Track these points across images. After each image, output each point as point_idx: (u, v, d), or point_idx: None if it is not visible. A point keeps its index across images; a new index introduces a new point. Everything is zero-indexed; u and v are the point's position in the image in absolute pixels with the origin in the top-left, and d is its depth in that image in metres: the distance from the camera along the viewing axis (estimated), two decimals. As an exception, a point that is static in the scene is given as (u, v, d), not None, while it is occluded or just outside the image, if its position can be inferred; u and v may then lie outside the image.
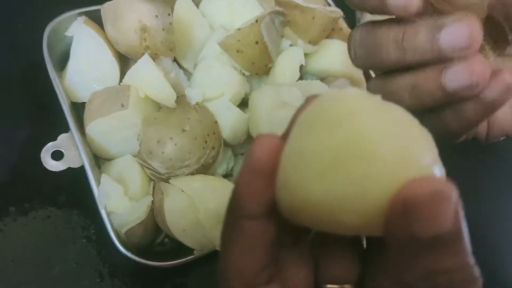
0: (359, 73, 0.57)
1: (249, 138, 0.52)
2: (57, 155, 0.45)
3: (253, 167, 0.19)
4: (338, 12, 0.53)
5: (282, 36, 0.54)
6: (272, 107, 0.47)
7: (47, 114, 0.51)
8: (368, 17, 0.67)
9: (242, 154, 0.54)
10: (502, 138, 0.33)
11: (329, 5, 0.62)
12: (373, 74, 0.62)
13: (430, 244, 0.16)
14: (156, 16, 0.45)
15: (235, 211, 0.20)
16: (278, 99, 0.47)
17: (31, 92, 0.53)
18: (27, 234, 0.45)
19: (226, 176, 0.53)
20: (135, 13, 0.45)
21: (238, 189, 0.20)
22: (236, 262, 0.21)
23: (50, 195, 0.48)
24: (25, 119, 0.51)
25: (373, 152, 0.16)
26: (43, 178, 0.47)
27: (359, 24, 0.71)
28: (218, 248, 0.43)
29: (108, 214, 0.43)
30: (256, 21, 0.48)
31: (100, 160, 0.49)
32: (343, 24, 0.60)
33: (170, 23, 0.46)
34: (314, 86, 0.49)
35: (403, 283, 0.19)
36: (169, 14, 0.46)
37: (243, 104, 0.52)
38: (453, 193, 0.16)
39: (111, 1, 0.46)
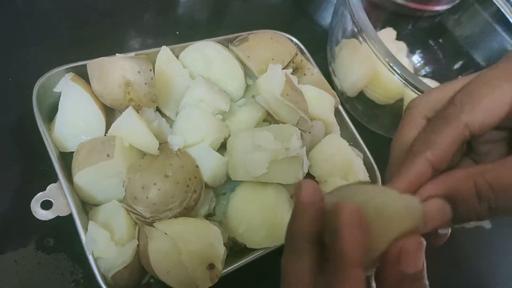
0: (330, 116, 0.61)
1: (228, 180, 0.55)
2: (46, 204, 0.47)
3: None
4: None
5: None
6: (247, 150, 0.50)
7: (37, 164, 0.54)
8: (343, 52, 0.72)
9: (224, 194, 0.57)
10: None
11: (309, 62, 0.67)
12: (342, 111, 0.66)
13: (410, 278, 0.25)
14: (139, 71, 0.49)
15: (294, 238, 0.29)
16: (252, 142, 0.50)
17: (21, 143, 0.56)
18: (18, 281, 0.47)
19: (209, 215, 0.55)
20: (119, 70, 0.49)
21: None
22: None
23: (40, 242, 0.50)
24: (15, 170, 0.54)
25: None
26: (33, 226, 0.49)
27: (330, 67, 0.76)
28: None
29: (96, 259, 0.45)
30: None
31: (87, 206, 0.52)
32: (314, 69, 0.64)
33: (152, 78, 0.50)
34: (285, 128, 0.52)
35: None
36: (150, 70, 0.50)
37: (223, 147, 0.56)
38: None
39: (96, 59, 0.50)
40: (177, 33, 0.77)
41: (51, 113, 0.54)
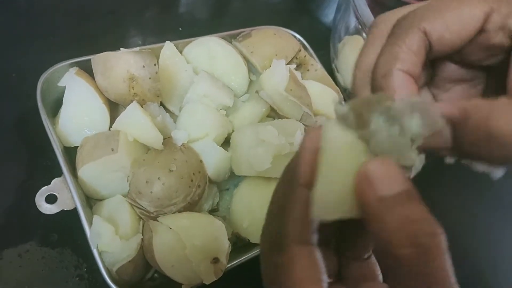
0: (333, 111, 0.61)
1: (232, 175, 0.55)
2: (51, 198, 0.47)
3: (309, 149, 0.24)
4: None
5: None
6: (251, 145, 0.50)
7: (41, 158, 0.54)
8: (346, 49, 0.71)
9: (227, 189, 0.57)
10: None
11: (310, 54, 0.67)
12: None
13: (396, 200, 0.20)
14: (143, 66, 0.49)
15: (292, 181, 0.25)
16: (256, 137, 0.50)
17: (25, 138, 0.56)
18: (22, 275, 0.47)
19: (213, 211, 0.55)
20: (124, 64, 0.49)
21: (298, 165, 0.24)
22: (292, 221, 0.24)
23: (44, 236, 0.50)
24: (20, 164, 0.54)
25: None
26: (38, 220, 0.49)
27: (333, 63, 0.76)
28: (206, 282, 0.45)
29: (100, 253, 0.45)
30: None
31: (91, 200, 0.52)
32: (317, 65, 0.64)
33: (156, 72, 0.50)
34: (289, 124, 0.52)
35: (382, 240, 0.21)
36: (155, 64, 0.50)
37: (227, 142, 0.56)
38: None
39: (101, 53, 0.50)
40: (180, 29, 0.77)
41: (55, 108, 0.54)
